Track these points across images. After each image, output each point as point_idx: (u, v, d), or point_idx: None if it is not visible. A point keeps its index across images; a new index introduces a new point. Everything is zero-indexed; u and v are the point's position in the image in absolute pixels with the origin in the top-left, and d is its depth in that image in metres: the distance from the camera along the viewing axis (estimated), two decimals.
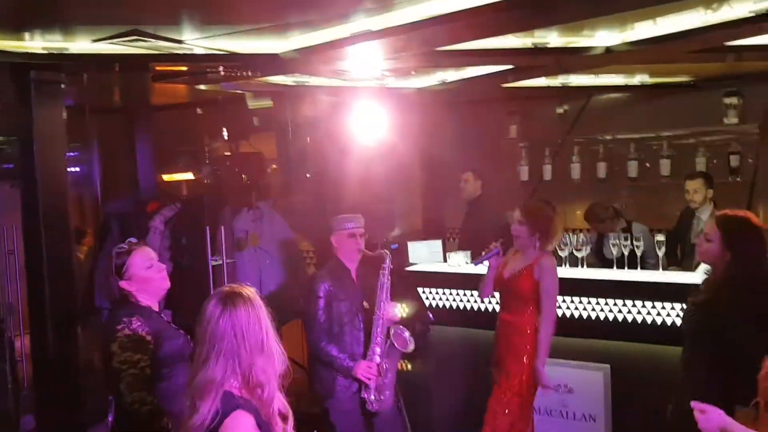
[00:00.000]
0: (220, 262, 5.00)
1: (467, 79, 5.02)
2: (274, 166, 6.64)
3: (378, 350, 3.91)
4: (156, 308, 2.99)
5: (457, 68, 4.80)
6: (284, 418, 2.23)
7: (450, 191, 6.50)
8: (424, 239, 6.24)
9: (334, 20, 3.28)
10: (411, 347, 3.90)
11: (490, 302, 4.93)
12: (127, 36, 3.24)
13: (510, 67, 4.58)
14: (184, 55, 3.63)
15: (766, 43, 4.14)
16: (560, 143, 6.63)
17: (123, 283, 2.88)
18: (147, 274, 2.92)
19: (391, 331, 3.91)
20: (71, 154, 6.08)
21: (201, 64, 3.78)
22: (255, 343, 2.14)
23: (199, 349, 2.17)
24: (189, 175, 7.54)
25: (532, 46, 3.91)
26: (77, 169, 6.73)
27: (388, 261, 4.02)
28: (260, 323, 2.16)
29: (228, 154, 6.57)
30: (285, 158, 6.60)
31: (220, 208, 5.52)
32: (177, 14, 3.06)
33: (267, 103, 5.77)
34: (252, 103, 5.74)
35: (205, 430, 2.08)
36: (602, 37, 3.92)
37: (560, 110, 6.84)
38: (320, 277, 4.00)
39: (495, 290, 4.16)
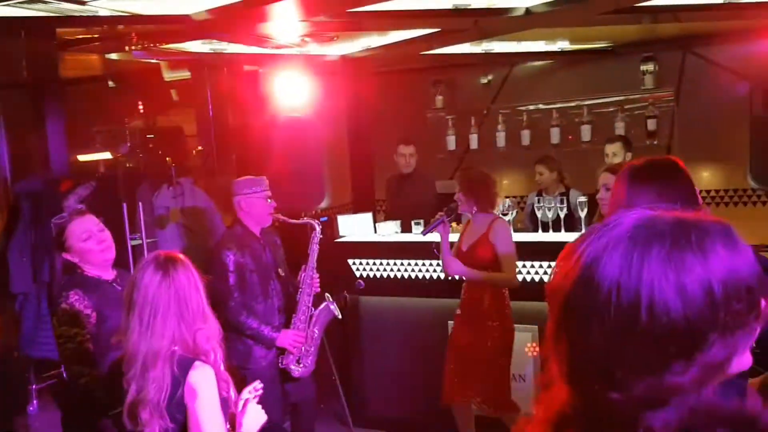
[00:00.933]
0: (140, 241, 4.79)
1: (391, 44, 4.94)
2: (199, 147, 6.40)
3: (304, 318, 3.83)
4: (109, 276, 2.93)
5: (380, 32, 4.72)
6: (227, 383, 2.22)
7: (378, 163, 6.45)
8: (354, 212, 6.20)
9: None
10: (338, 314, 3.85)
11: (420, 270, 4.93)
12: None
13: (434, 30, 4.53)
14: (90, 17, 3.41)
15: (677, 4, 4.24)
16: (485, 113, 6.68)
17: (65, 255, 2.89)
18: (84, 246, 2.88)
19: (327, 298, 3.85)
20: None
21: (106, 27, 3.55)
22: (197, 308, 2.13)
23: (135, 318, 2.11)
24: (107, 155, 7.23)
25: (453, 8, 3.87)
26: None
27: (318, 229, 3.94)
28: (199, 289, 2.15)
29: (144, 129, 6.32)
30: (206, 133, 6.38)
31: (138, 185, 5.30)
32: None
33: (184, 74, 5.54)
34: (168, 75, 5.50)
35: (167, 399, 2.03)
36: None
37: (484, 80, 6.90)
38: (225, 247, 3.77)
39: None
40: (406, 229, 5.25)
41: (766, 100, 4.59)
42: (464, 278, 4.12)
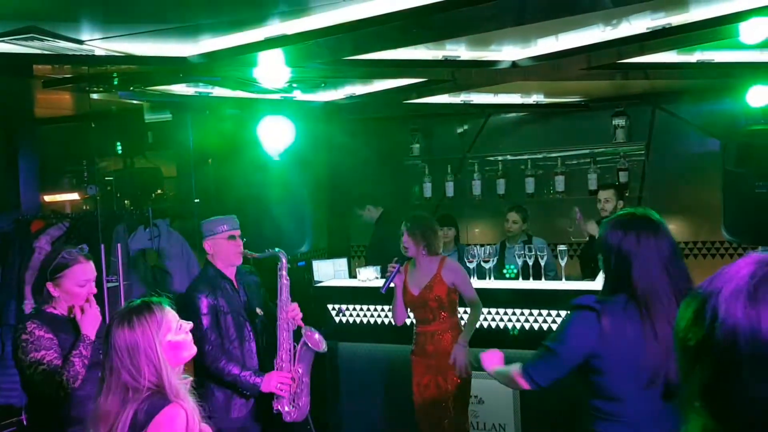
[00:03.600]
0: (117, 283, 4.69)
1: (374, 93, 5.02)
2: (159, 191, 6.32)
3: (287, 357, 3.63)
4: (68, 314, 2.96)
5: (365, 81, 4.80)
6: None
7: (354, 210, 6.48)
8: (329, 257, 6.20)
9: (246, 24, 3.18)
10: (324, 347, 3.69)
11: None
12: (22, 33, 3.00)
13: (417, 81, 4.63)
14: (81, 56, 3.40)
15: (647, 62, 4.42)
16: (461, 160, 6.80)
17: (49, 285, 2.89)
18: (78, 291, 2.92)
19: (303, 332, 3.68)
20: None
21: (99, 68, 3.55)
22: (155, 358, 2.07)
23: (102, 373, 2.11)
24: (74, 196, 7.11)
25: (443, 59, 3.97)
26: None
27: (284, 260, 3.74)
28: (168, 330, 2.12)
29: (118, 170, 6.25)
30: (185, 176, 6.33)
31: (114, 227, 5.21)
32: (77, 10, 2.87)
33: (166, 116, 5.52)
34: (149, 116, 5.47)
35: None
36: (508, 52, 4.04)
37: (461, 129, 7.04)
38: (197, 290, 3.62)
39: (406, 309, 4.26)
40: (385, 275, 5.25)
41: (738, 156, 4.77)
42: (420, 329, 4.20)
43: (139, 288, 5.12)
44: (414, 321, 4.27)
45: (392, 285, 4.21)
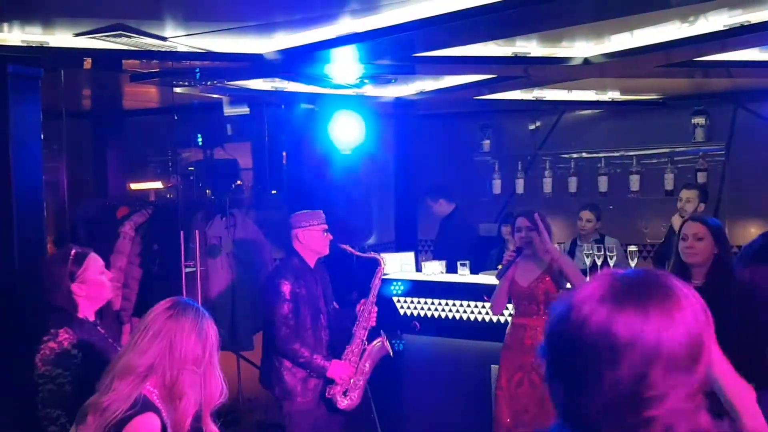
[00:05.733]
0: (194, 269, 4.91)
1: (444, 89, 5.06)
2: (239, 182, 6.52)
3: (357, 351, 3.90)
4: (92, 318, 2.90)
5: (436, 78, 4.85)
6: None
7: (423, 204, 6.54)
8: (397, 251, 6.27)
9: (319, 21, 3.29)
10: (390, 352, 3.92)
11: (465, 311, 4.96)
12: (111, 30, 3.20)
13: (488, 77, 4.64)
14: (165, 53, 3.59)
15: (730, 60, 4.29)
16: (532, 157, 6.75)
17: (74, 286, 2.80)
18: (101, 279, 2.88)
19: (382, 333, 3.96)
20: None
21: (182, 63, 3.74)
22: (189, 355, 2.12)
23: (136, 336, 2.15)
24: (158, 184, 7.45)
25: (513, 55, 3.98)
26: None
27: (382, 264, 4.10)
28: (202, 341, 2.15)
29: (198, 161, 6.51)
30: (261, 169, 6.55)
31: (193, 214, 5.45)
32: (161, 9, 3.04)
33: (244, 110, 5.72)
34: (228, 110, 5.69)
35: (113, 418, 2.03)
36: (580, 48, 4.01)
37: (532, 126, 6.97)
38: (282, 276, 3.86)
39: (511, 303, 4.23)
40: (451, 269, 5.30)
41: None
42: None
43: (215, 274, 5.34)
44: (512, 313, 4.25)
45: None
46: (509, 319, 4.27)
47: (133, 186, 7.40)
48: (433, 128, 6.71)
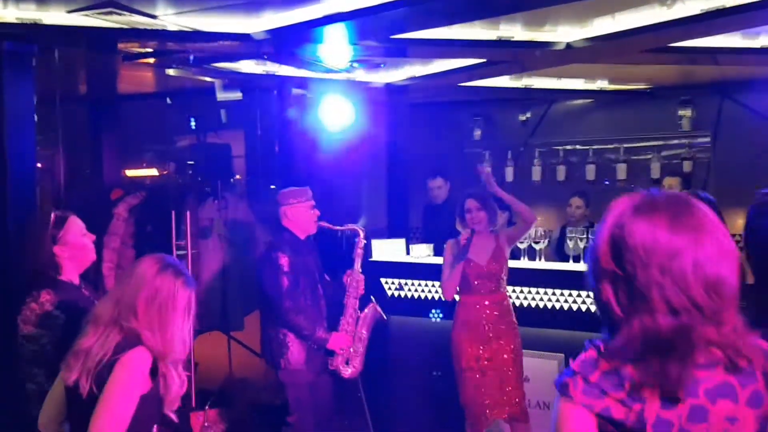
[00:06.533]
0: (185, 250, 4.99)
1: (434, 74, 5.15)
2: (237, 176, 6.55)
3: (351, 320, 4.01)
4: (77, 281, 2.93)
5: (424, 62, 4.93)
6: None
7: (414, 191, 6.62)
8: (388, 237, 6.35)
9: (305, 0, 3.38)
10: (384, 316, 4.08)
11: None
12: (102, 7, 3.29)
13: (477, 61, 4.73)
14: (156, 31, 3.67)
15: (715, 46, 4.38)
16: (522, 150, 6.84)
17: (56, 248, 2.84)
18: (83, 241, 2.92)
19: (372, 299, 4.06)
20: None
21: (173, 42, 3.82)
22: (179, 309, 2.20)
23: (118, 288, 2.25)
24: (153, 171, 7.53)
25: (497, 39, 4.06)
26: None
27: (362, 234, 4.14)
28: (185, 299, 2.22)
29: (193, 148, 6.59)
30: (253, 156, 6.61)
31: (186, 197, 5.54)
32: None
33: (237, 95, 5.81)
34: (221, 95, 5.77)
35: (99, 360, 2.11)
36: (563, 33, 4.10)
37: (523, 117, 7.05)
38: (279, 249, 3.90)
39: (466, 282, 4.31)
40: (438, 252, 5.38)
41: None
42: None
43: (206, 255, 5.42)
44: (464, 293, 4.33)
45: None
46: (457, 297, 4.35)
47: (129, 173, 7.48)
48: (426, 117, 6.79)
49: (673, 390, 1.23)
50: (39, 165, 6.18)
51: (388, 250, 5.81)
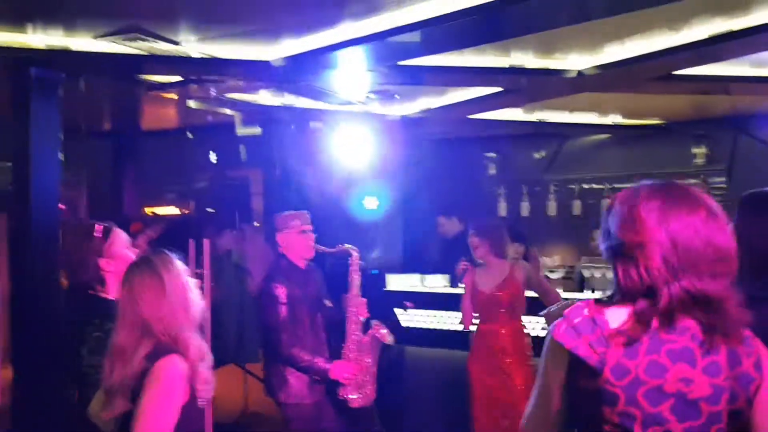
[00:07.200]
0: (201, 270, 5.00)
1: (448, 106, 5.25)
2: (256, 224, 6.56)
3: (354, 347, 3.84)
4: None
5: (438, 92, 5.04)
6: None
7: (430, 227, 6.66)
8: (403, 272, 6.37)
9: (322, 25, 3.50)
10: (390, 340, 3.87)
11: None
12: (127, 32, 3.43)
13: (490, 91, 4.82)
14: (179, 58, 3.81)
15: (726, 75, 4.44)
16: (535, 185, 6.89)
17: (102, 262, 2.69)
18: (128, 254, 2.79)
19: (372, 324, 3.90)
20: None
21: (195, 69, 3.95)
22: (181, 296, 2.19)
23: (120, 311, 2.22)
24: (173, 210, 7.66)
25: (509, 66, 4.16)
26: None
27: (355, 255, 3.96)
28: (161, 287, 2.17)
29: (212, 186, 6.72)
30: (270, 194, 6.68)
31: (204, 228, 5.63)
32: (174, 9, 3.26)
33: (255, 130, 5.94)
34: (241, 130, 5.91)
35: (132, 378, 2.09)
36: (574, 60, 4.18)
37: (538, 155, 7.12)
38: (274, 280, 3.80)
39: (475, 311, 4.39)
40: (455, 284, 5.39)
41: None
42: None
43: (223, 284, 5.47)
44: (477, 322, 4.37)
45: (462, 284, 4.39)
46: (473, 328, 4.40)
47: (148, 210, 7.61)
48: (441, 153, 6.88)
49: (636, 337, 1.42)
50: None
51: (402, 284, 5.82)
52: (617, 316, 1.45)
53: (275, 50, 3.83)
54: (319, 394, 3.88)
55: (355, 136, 5.65)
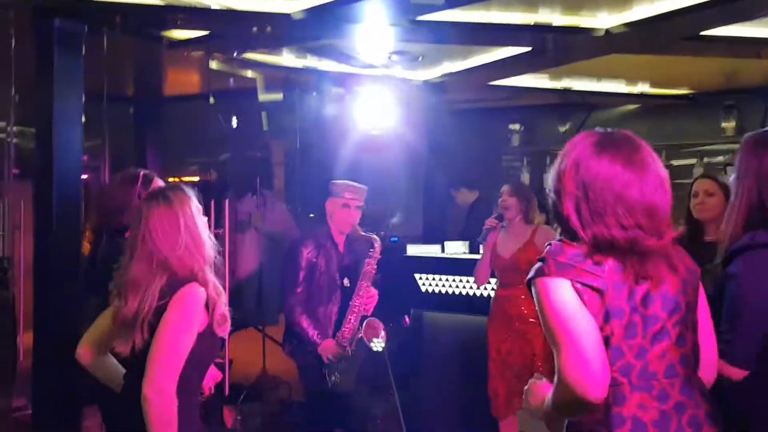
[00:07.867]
0: (222, 231, 4.99)
1: (471, 69, 5.16)
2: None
3: (348, 336, 3.72)
4: None
5: (461, 55, 4.96)
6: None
7: (451, 199, 6.60)
8: (424, 242, 6.32)
9: None
10: (380, 347, 3.75)
11: (486, 288, 4.98)
12: None
13: (515, 52, 4.72)
14: (200, 9, 3.79)
15: (756, 36, 4.30)
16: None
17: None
18: None
19: (365, 322, 3.77)
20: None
21: (215, 21, 3.93)
22: (175, 238, 2.14)
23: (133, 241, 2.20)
24: (195, 178, 7.69)
25: (534, 24, 4.08)
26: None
27: (377, 247, 3.77)
28: (177, 220, 2.16)
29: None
30: (292, 160, 6.67)
31: (225, 189, 5.64)
32: None
33: (278, 95, 5.92)
34: (263, 96, 5.89)
35: (149, 310, 2.09)
36: (602, 18, 4.09)
37: (563, 128, 7.02)
38: (302, 242, 3.75)
39: (494, 275, 4.34)
40: (474, 249, 5.33)
41: None
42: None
43: (243, 248, 5.48)
44: (495, 286, 4.33)
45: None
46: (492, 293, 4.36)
47: (171, 180, 7.64)
48: (464, 123, 6.80)
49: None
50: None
51: (422, 251, 5.78)
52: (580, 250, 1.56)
53: (296, 3, 3.78)
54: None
55: (377, 102, 5.59)
